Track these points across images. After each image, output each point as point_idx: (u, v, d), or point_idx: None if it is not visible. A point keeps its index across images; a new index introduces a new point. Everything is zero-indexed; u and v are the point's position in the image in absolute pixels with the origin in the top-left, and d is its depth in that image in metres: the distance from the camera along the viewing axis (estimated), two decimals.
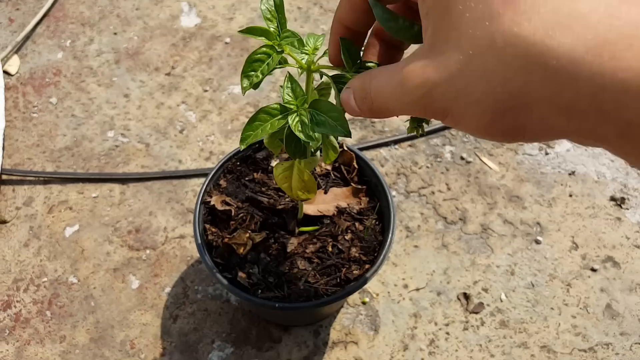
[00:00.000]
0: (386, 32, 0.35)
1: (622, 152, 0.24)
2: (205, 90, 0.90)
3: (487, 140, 0.29)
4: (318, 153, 0.50)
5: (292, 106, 0.40)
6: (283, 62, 0.42)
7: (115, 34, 0.97)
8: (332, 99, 0.44)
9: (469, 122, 0.27)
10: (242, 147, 0.39)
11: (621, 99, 0.21)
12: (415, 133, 0.40)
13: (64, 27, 0.98)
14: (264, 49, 0.37)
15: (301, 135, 0.38)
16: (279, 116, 0.40)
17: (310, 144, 0.45)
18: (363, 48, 0.39)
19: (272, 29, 0.38)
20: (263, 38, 0.37)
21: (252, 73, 0.36)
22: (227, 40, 0.96)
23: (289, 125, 0.39)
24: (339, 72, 0.39)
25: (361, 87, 0.33)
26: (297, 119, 0.39)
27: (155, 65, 0.93)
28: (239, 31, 0.33)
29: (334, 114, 0.39)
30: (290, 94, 0.40)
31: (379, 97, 0.31)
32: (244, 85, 0.36)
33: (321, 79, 0.44)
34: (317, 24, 0.98)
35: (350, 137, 0.40)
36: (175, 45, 0.95)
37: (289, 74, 0.40)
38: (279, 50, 0.37)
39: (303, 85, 0.42)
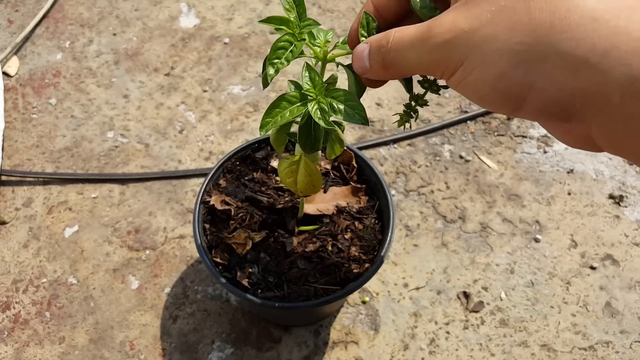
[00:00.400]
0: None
1: (621, 120, 0.24)
2: (205, 91, 0.90)
3: (485, 104, 0.29)
4: (319, 150, 0.50)
5: (311, 94, 0.40)
6: (300, 54, 0.42)
7: (114, 34, 0.97)
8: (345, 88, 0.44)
9: (480, 74, 0.27)
10: (262, 134, 0.39)
11: (632, 56, 0.22)
12: (404, 126, 0.40)
13: (63, 28, 0.98)
14: (287, 37, 0.38)
15: (321, 122, 0.39)
16: (298, 104, 0.40)
17: (332, 130, 0.46)
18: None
19: (291, 18, 0.38)
20: (284, 27, 0.37)
21: (277, 60, 0.37)
22: (226, 40, 0.96)
23: (304, 116, 0.40)
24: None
25: (382, 37, 0.33)
26: (316, 106, 0.39)
27: (154, 65, 0.93)
28: (259, 21, 0.34)
29: (352, 102, 0.39)
30: (309, 83, 0.40)
31: (397, 46, 0.32)
32: (270, 72, 0.37)
33: (337, 68, 0.45)
34: None
35: (368, 125, 0.40)
36: (175, 46, 0.95)
37: (307, 63, 0.41)
38: (299, 38, 0.38)
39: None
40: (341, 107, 0.39)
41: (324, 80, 0.46)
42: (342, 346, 0.67)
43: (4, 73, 0.91)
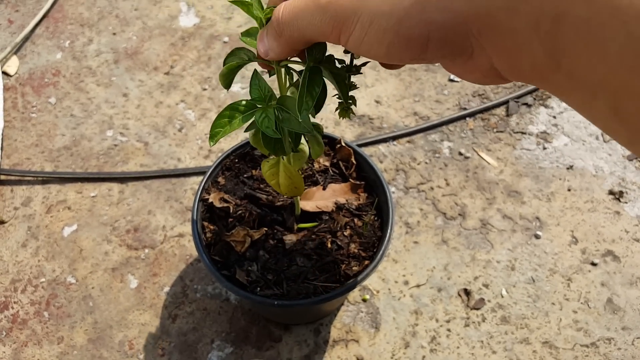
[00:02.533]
0: None
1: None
2: (204, 89, 0.90)
3: (391, 56, 0.29)
4: (306, 149, 0.49)
5: (259, 102, 0.40)
6: (253, 58, 0.41)
7: (114, 34, 0.97)
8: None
9: (379, 25, 0.27)
10: (212, 144, 0.39)
11: None
12: (345, 117, 0.40)
13: (63, 27, 0.98)
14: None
15: (268, 131, 0.39)
16: (247, 113, 0.40)
17: (300, 137, 0.45)
18: None
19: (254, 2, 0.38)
20: (246, 8, 0.37)
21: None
22: (226, 39, 0.96)
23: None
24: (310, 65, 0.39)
25: (275, 11, 0.33)
26: (263, 115, 0.39)
27: (154, 64, 0.93)
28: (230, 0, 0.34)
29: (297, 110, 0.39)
30: (258, 90, 0.40)
31: (290, 14, 0.32)
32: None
33: (288, 75, 0.44)
34: None
35: (311, 133, 0.41)
36: (174, 45, 0.95)
37: (255, 70, 0.41)
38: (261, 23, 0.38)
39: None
40: (286, 115, 0.39)
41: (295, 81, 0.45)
42: (343, 344, 0.67)
43: (4, 72, 0.91)
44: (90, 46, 0.96)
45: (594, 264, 0.72)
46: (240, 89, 0.89)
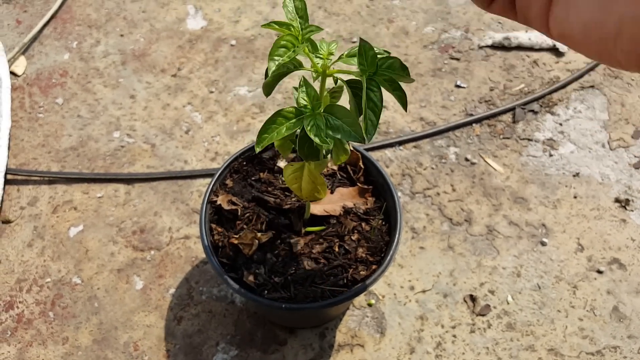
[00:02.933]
0: None
1: None
2: (211, 92, 0.90)
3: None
4: (328, 156, 0.50)
5: (307, 110, 0.40)
6: (298, 66, 0.42)
7: (121, 35, 0.98)
8: (345, 103, 0.44)
9: None
10: (258, 150, 0.39)
11: None
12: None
13: (70, 28, 0.99)
14: (289, 37, 0.37)
15: (316, 140, 0.38)
16: (294, 120, 0.40)
17: (324, 147, 0.45)
18: None
19: (294, 23, 0.38)
20: (284, 29, 0.37)
21: (278, 58, 0.37)
22: (233, 42, 0.96)
23: (302, 128, 0.39)
24: (354, 77, 0.40)
25: None
26: (312, 122, 0.39)
27: (161, 66, 0.93)
28: (262, 25, 0.34)
29: (349, 119, 0.39)
30: (305, 98, 0.40)
31: None
32: (271, 67, 0.37)
33: (335, 84, 0.44)
34: (322, 27, 0.98)
35: (365, 143, 0.40)
36: (182, 47, 0.96)
37: (304, 77, 0.40)
38: (302, 41, 0.38)
39: (318, 89, 0.42)
40: (337, 123, 0.39)
41: (329, 89, 0.45)
42: (348, 349, 0.66)
43: (12, 72, 0.92)
44: (97, 47, 0.96)
45: (599, 272, 0.72)
46: (247, 92, 0.89)
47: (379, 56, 0.38)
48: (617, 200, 0.78)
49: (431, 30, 0.98)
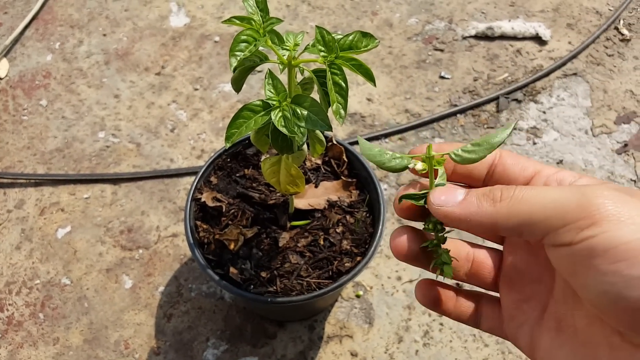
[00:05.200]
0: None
1: None
2: (196, 89, 0.90)
3: None
4: (305, 147, 0.50)
5: (274, 102, 0.40)
6: (264, 59, 0.42)
7: (104, 35, 0.97)
8: (315, 93, 0.44)
9: None
10: (227, 145, 0.39)
11: None
12: (446, 276, 0.33)
13: (52, 29, 0.98)
14: (249, 31, 0.37)
15: (284, 130, 0.39)
16: (262, 112, 0.40)
17: (296, 138, 0.45)
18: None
19: (255, 17, 0.38)
20: (245, 24, 0.37)
21: (239, 52, 0.37)
22: (217, 39, 0.96)
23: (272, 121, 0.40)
24: (320, 67, 0.40)
25: (497, 187, 0.28)
26: (279, 114, 0.39)
27: (145, 65, 0.93)
28: (223, 22, 0.34)
29: (315, 108, 0.39)
30: (272, 90, 0.40)
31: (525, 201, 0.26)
32: (233, 63, 0.37)
33: (302, 74, 0.45)
34: (306, 21, 0.98)
35: (331, 131, 0.40)
36: (165, 45, 0.95)
37: (269, 70, 0.41)
38: (262, 34, 0.38)
39: (286, 81, 0.42)
40: (304, 113, 0.39)
41: (300, 81, 0.45)
42: (337, 340, 0.67)
43: None
44: (80, 47, 0.95)
45: None
46: (232, 89, 0.89)
47: (337, 37, 0.39)
48: None
49: (415, 21, 0.98)
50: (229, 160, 0.64)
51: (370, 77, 0.38)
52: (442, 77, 0.91)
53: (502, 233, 0.28)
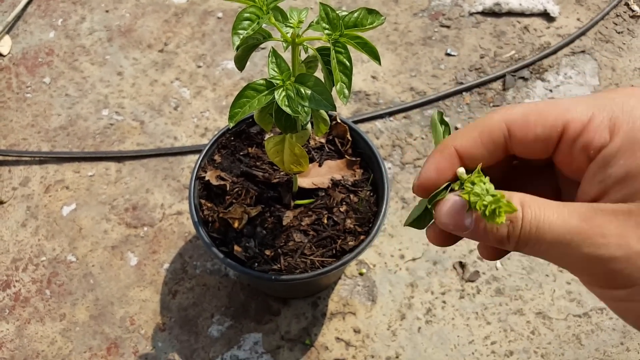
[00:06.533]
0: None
1: None
2: (199, 66, 0.89)
3: None
4: (309, 126, 0.50)
5: (277, 81, 0.40)
6: (268, 37, 0.41)
7: (107, 11, 0.96)
8: (319, 72, 0.44)
9: None
10: (231, 125, 0.39)
11: None
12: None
13: (55, 6, 0.97)
14: (252, 9, 0.37)
15: (288, 110, 0.38)
16: (266, 92, 0.40)
17: (299, 117, 0.45)
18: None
19: None
20: (248, 1, 0.37)
21: (242, 31, 0.36)
22: (220, 15, 0.95)
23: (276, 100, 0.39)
24: (324, 45, 0.39)
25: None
26: (283, 93, 0.39)
27: (148, 42, 0.92)
28: None
29: (319, 87, 0.39)
30: (276, 69, 0.40)
31: (537, 230, 0.25)
32: (235, 41, 0.36)
33: (306, 52, 0.44)
34: None
35: (335, 110, 0.40)
36: (168, 22, 0.94)
37: (273, 49, 0.40)
38: (266, 11, 0.37)
39: (290, 59, 0.41)
40: (308, 92, 0.38)
41: (304, 59, 0.45)
42: (340, 317, 0.68)
43: None
44: (83, 24, 0.95)
45: None
46: (234, 67, 0.89)
47: (342, 14, 0.38)
48: None
49: None
50: (232, 138, 0.64)
51: (375, 55, 0.37)
52: (448, 54, 0.90)
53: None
